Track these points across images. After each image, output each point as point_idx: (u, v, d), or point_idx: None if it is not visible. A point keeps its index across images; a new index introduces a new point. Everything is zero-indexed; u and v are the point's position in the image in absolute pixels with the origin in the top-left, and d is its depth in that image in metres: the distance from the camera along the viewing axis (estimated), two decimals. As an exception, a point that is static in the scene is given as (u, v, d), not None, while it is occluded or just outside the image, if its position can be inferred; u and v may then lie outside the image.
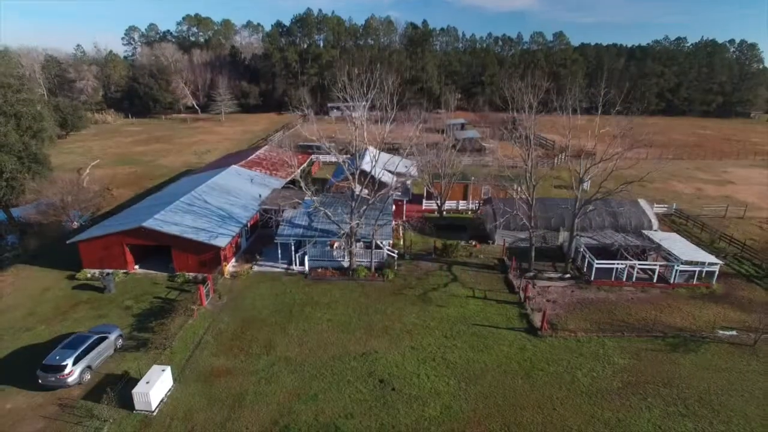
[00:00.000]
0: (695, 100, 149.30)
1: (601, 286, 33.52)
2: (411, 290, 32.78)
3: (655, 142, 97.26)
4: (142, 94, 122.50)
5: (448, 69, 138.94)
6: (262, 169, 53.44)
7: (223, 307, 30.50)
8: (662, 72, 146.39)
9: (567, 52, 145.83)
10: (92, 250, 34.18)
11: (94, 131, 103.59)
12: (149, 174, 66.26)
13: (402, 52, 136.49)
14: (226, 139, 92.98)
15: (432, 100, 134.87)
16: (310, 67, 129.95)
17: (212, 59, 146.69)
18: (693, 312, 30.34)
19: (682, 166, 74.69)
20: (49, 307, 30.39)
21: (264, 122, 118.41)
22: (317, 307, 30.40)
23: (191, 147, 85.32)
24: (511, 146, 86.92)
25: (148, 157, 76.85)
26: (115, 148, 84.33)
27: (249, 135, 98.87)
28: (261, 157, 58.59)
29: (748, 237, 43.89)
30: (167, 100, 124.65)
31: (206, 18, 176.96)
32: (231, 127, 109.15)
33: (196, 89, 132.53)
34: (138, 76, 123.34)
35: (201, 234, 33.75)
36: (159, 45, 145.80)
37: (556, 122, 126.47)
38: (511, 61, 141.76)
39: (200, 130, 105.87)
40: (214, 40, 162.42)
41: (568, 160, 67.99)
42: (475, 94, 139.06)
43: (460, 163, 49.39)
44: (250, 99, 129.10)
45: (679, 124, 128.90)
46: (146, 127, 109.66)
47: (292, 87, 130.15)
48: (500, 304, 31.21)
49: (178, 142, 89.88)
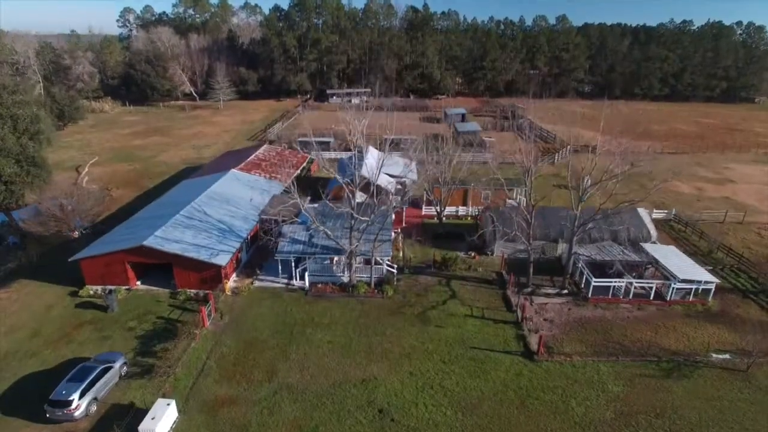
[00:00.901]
0: (699, 85, 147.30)
1: (598, 303, 33.93)
2: (410, 308, 33.20)
3: (656, 134, 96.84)
4: (140, 81, 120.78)
5: (449, 54, 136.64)
6: (261, 172, 53.28)
7: (225, 327, 30.98)
8: (666, 56, 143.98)
9: (569, 35, 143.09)
10: (94, 268, 34.48)
11: (92, 122, 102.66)
12: (148, 171, 66.07)
13: (402, 37, 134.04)
14: (224, 131, 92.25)
15: (432, 86, 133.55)
16: (309, 53, 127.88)
17: (209, 44, 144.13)
18: (688, 333, 30.81)
19: (683, 162, 74.27)
20: (54, 328, 30.87)
21: (263, 110, 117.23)
22: (318, 328, 30.87)
23: (190, 140, 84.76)
24: (510, 140, 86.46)
25: (146, 152, 76.44)
26: (113, 142, 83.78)
27: (248, 126, 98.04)
28: (260, 157, 58.30)
29: (745, 245, 44.14)
30: (165, 87, 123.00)
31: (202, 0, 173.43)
32: (230, 117, 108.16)
33: (193, 75, 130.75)
34: (135, 63, 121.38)
35: (202, 252, 33.98)
36: (155, 29, 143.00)
37: (559, 108, 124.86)
38: (513, 45, 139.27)
39: (199, 120, 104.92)
40: (212, 22, 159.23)
41: (569, 157, 67.57)
42: (476, 79, 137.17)
43: (460, 170, 49.02)
44: (249, 86, 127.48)
45: (682, 111, 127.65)
46: (144, 117, 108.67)
47: (291, 73, 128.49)
48: (498, 324, 31.66)
49: (177, 134, 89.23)
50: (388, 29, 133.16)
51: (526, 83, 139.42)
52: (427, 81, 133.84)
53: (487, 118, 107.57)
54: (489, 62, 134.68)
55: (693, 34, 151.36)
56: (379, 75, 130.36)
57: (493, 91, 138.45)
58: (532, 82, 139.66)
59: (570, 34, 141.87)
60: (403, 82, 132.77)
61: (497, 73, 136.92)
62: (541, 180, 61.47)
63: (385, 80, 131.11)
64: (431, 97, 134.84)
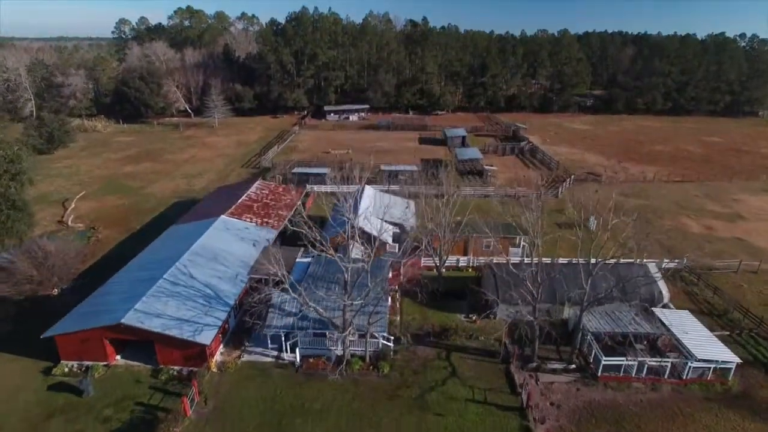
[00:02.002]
0: (703, 99, 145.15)
1: (609, 383, 31.66)
2: (407, 390, 30.93)
3: (660, 156, 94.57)
4: (133, 98, 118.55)
5: (449, 69, 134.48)
6: (252, 216, 50.97)
7: (208, 416, 28.69)
8: (669, 71, 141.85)
9: (571, 49, 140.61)
10: (69, 344, 32.20)
11: (83, 143, 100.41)
12: (138, 207, 63.76)
13: (401, 52, 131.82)
14: (218, 155, 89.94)
15: (432, 102, 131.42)
16: (306, 69, 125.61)
17: (205, 58, 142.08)
18: (709, 424, 28.53)
19: (690, 193, 71.98)
20: (18, 419, 28.52)
21: (259, 129, 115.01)
22: (308, 417, 28.59)
23: (182, 167, 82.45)
24: (513, 164, 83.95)
25: (137, 182, 74.15)
26: (104, 169, 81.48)
27: (243, 148, 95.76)
28: (252, 197, 55.95)
29: (763, 301, 41.91)
30: (159, 105, 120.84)
31: (198, 11, 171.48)
32: (225, 137, 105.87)
33: (188, 92, 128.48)
34: (128, 80, 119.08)
35: (185, 327, 31.69)
36: (150, 44, 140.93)
37: (560, 126, 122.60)
38: (514, 60, 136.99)
39: (192, 141, 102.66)
40: (207, 35, 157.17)
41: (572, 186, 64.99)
42: (477, 95, 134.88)
43: (461, 213, 46.65)
44: (245, 102, 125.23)
45: (686, 128, 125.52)
46: (137, 137, 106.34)
47: (287, 89, 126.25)
48: (501, 411, 29.37)
49: (169, 160, 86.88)
50: (386, 44, 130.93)
51: (528, 98, 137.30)
52: (427, 97, 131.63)
53: (489, 138, 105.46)
54: (489, 78, 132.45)
55: (696, 47, 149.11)
56: (377, 91, 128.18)
57: (494, 106, 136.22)
58: (533, 97, 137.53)
59: (572, 49, 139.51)
60: (402, 98, 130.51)
61: (498, 88, 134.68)
62: (546, 215, 59.23)
63: (383, 96, 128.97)
64: (431, 113, 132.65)
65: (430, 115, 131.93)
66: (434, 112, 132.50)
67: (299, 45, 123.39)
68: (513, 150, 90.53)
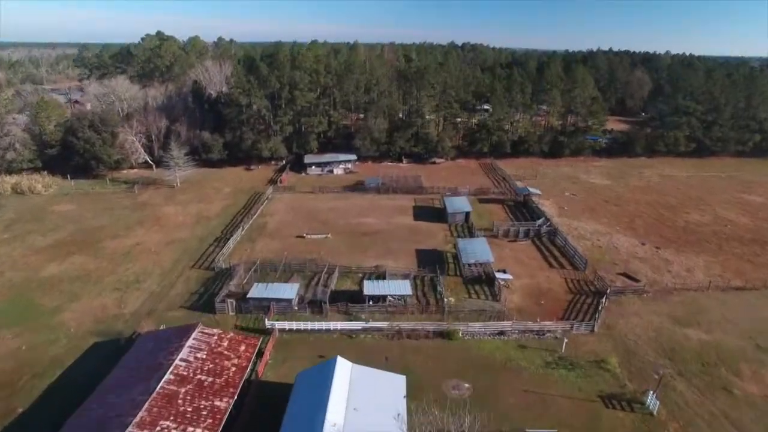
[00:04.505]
0: (730, 139, 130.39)
1: None
2: None
3: (701, 233, 78.85)
4: (82, 150, 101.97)
5: (449, 111, 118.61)
6: (172, 420, 34.70)
7: None
8: (694, 109, 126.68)
9: (586, 89, 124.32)
10: None
11: (12, 214, 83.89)
12: (36, 359, 47.02)
13: (393, 93, 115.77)
14: (169, 243, 73.08)
15: (429, 148, 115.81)
16: (284, 114, 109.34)
17: (173, 96, 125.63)
18: None
19: (762, 313, 56.30)
20: None
21: (227, 190, 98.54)
22: None
23: (120, 266, 65.80)
24: (527, 260, 67.17)
25: (53, 299, 57.55)
26: (17, 268, 64.75)
27: (201, 227, 79.31)
28: (181, 372, 39.53)
29: None
30: (113, 158, 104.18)
31: (170, 37, 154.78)
32: (184, 206, 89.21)
33: (149, 141, 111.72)
34: (77, 128, 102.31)
35: None
36: (110, 81, 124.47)
37: (576, 180, 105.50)
38: (522, 99, 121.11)
39: (145, 212, 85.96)
40: (178, 67, 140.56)
41: (605, 305, 48.48)
42: (480, 140, 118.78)
43: None
44: (214, 153, 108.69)
45: (715, 179, 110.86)
46: (80, 205, 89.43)
47: (262, 137, 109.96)
48: None
49: (107, 252, 70.18)
50: (376, 84, 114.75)
51: (537, 142, 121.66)
52: (423, 143, 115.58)
53: (495, 205, 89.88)
54: (494, 122, 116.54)
55: (723, 82, 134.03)
56: (366, 137, 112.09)
57: (499, 151, 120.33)
58: (542, 140, 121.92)
59: (587, 87, 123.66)
60: (394, 145, 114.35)
61: (503, 132, 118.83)
62: (572, 382, 43.63)
63: (373, 143, 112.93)
64: (427, 161, 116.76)
65: (426, 163, 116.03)
66: (431, 161, 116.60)
67: (275, 86, 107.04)
68: (527, 233, 74.73)
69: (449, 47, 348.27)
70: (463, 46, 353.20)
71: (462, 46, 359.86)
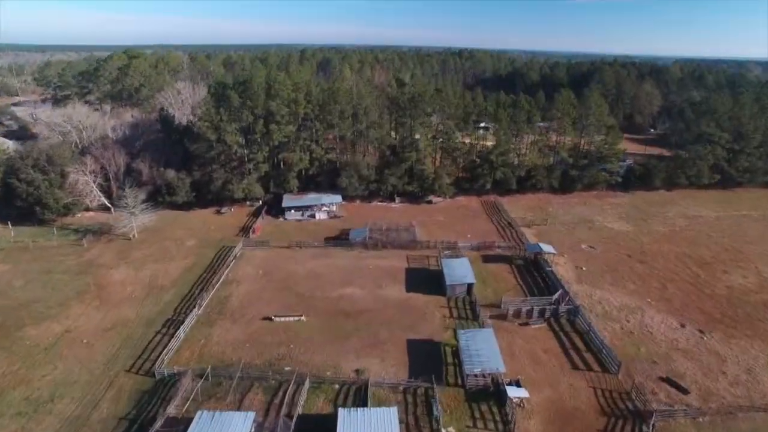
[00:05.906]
0: (758, 170, 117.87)
1: None
2: None
3: (749, 303, 66.37)
4: (25, 195, 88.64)
5: (447, 144, 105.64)
6: None
7: None
8: (719, 137, 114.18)
9: (601, 116, 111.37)
10: None
11: (-70, 282, 70.47)
12: None
13: (384, 125, 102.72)
14: (107, 330, 59.67)
15: (425, 186, 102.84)
16: (259, 150, 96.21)
17: (138, 123, 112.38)
18: None
19: None
20: None
21: (192, 240, 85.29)
22: None
23: (35, 369, 52.43)
24: (545, 356, 53.14)
25: (-65, 432, 44.35)
26: None
27: (152, 301, 66.09)
28: None
29: None
30: (61, 202, 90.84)
31: (140, 53, 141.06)
32: (137, 267, 75.75)
33: (106, 180, 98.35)
34: (18, 168, 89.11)
35: None
36: (67, 108, 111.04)
37: (591, 224, 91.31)
38: (530, 129, 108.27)
39: (87, 277, 72.54)
40: (146, 90, 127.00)
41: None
42: (481, 175, 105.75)
43: None
44: (179, 196, 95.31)
45: (749, 220, 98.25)
46: (14, 265, 76.08)
47: (235, 177, 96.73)
48: None
49: (28, 341, 56.82)
50: (365, 113, 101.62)
51: (546, 176, 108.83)
52: (418, 180, 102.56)
53: (502, 265, 76.92)
54: (497, 156, 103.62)
55: (752, 107, 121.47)
56: (352, 175, 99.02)
57: (502, 188, 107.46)
58: (552, 174, 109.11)
59: (601, 114, 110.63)
60: (384, 183, 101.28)
61: (508, 167, 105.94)
62: None
63: (360, 181, 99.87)
64: (423, 200, 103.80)
65: (421, 203, 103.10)
66: (427, 199, 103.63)
67: (248, 120, 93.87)
68: (542, 313, 61.83)
69: (446, 55, 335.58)
70: (461, 53, 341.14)
71: (459, 53, 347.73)
